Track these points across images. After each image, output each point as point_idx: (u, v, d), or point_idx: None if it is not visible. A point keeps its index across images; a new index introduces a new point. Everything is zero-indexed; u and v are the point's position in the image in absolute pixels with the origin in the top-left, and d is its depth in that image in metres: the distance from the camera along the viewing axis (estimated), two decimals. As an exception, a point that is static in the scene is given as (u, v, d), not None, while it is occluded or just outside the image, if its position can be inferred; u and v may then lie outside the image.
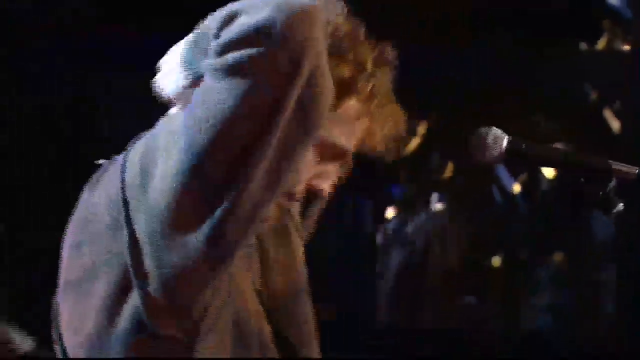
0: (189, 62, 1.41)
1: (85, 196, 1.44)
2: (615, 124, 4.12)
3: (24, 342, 3.20)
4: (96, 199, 1.37)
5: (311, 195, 1.49)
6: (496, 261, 4.19)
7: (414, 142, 4.20)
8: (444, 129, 4.47)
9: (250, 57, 1.21)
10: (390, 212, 4.28)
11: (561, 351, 4.01)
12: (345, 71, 1.41)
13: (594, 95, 4.23)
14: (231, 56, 1.21)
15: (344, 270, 3.75)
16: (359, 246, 3.80)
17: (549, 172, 4.27)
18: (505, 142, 1.53)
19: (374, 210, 3.99)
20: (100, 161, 1.40)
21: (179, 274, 1.23)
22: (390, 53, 1.46)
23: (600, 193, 1.42)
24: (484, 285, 4.25)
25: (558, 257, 4.16)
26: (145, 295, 1.24)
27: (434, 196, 4.17)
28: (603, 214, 1.42)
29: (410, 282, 4.01)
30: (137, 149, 1.34)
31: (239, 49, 1.21)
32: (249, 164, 1.23)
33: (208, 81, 1.25)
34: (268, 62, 1.21)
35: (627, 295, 3.87)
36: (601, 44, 4.17)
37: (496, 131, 1.51)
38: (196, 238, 1.21)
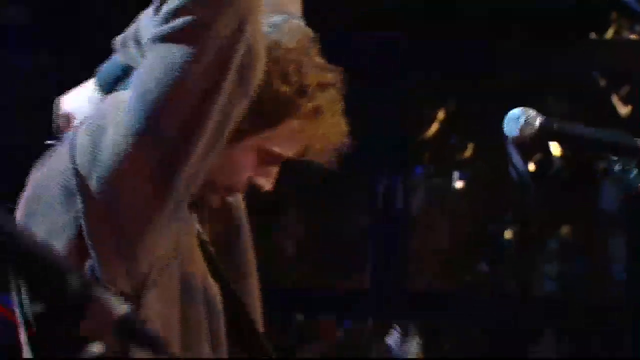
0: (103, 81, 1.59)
1: (35, 175, 1.52)
2: (622, 108, 4.36)
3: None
4: (46, 175, 1.45)
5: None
6: (509, 233, 4.45)
7: (434, 127, 4.43)
8: (464, 113, 4.66)
9: (196, 22, 1.31)
10: (416, 191, 4.48)
11: (571, 316, 4.23)
12: (287, 93, 1.48)
13: (602, 82, 4.43)
14: (179, 21, 1.31)
15: (377, 246, 4.03)
16: (390, 224, 4.03)
17: (556, 150, 4.50)
18: (538, 122, 1.63)
19: (403, 189, 4.22)
20: (50, 142, 1.52)
21: (132, 225, 1.35)
22: (338, 76, 1.53)
23: (626, 169, 1.58)
24: (499, 255, 4.54)
25: (566, 229, 4.41)
26: (99, 254, 1.34)
27: (455, 174, 4.41)
28: (625, 190, 1.61)
29: (434, 253, 4.29)
30: (85, 126, 1.42)
31: (184, 14, 1.30)
32: (200, 121, 1.33)
33: (153, 51, 1.35)
34: (213, 27, 1.31)
35: (636, 264, 4.17)
36: (609, 34, 4.37)
37: (530, 111, 1.62)
38: (145, 190, 1.33)
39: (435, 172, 4.54)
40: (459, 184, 4.39)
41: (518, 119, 1.68)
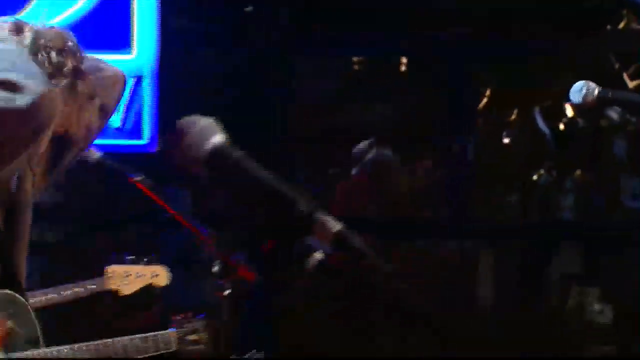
0: None
1: None
2: (630, 83, 5.38)
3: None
4: None
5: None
6: (535, 176, 5.58)
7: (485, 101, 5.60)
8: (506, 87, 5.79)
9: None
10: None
11: (588, 237, 5.38)
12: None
13: (616, 64, 5.41)
14: None
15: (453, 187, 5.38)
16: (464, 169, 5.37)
17: (569, 111, 5.50)
18: (597, 91, 1.91)
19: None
20: None
21: None
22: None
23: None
24: (526, 193, 5.66)
25: (580, 173, 5.48)
26: None
27: (505, 133, 5.56)
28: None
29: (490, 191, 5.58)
30: None
31: None
32: None
33: None
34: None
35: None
36: (621, 25, 5.47)
37: (590, 83, 1.90)
38: None
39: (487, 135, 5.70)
40: (506, 140, 5.55)
41: (581, 90, 1.98)
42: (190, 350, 2.91)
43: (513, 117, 5.56)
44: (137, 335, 2.79)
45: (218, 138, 1.38)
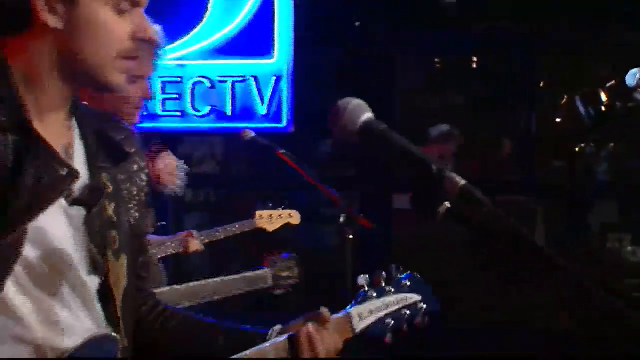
0: None
1: None
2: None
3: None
4: None
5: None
6: (578, 148, 6.24)
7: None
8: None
9: None
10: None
11: (621, 194, 6.16)
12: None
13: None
14: None
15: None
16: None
17: (604, 96, 5.88)
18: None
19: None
20: None
21: None
22: None
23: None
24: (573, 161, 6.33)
25: (612, 145, 6.23)
26: None
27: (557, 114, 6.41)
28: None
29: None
30: None
31: None
32: None
33: None
34: None
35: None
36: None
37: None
38: None
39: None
40: (557, 119, 6.40)
41: (635, 75, 2.50)
42: (282, 284, 3.08)
43: (563, 101, 6.30)
44: (232, 274, 2.95)
45: (367, 115, 1.53)
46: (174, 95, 5.97)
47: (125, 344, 1.77)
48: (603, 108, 5.56)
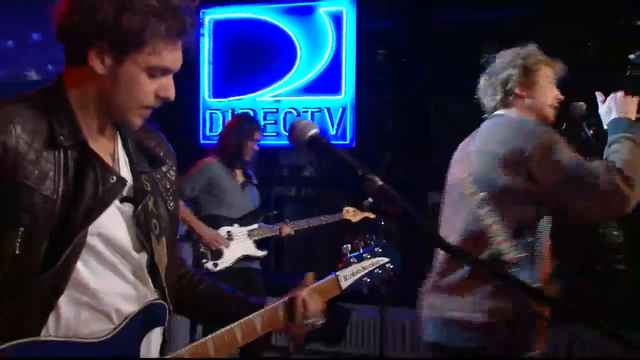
0: None
1: None
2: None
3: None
4: None
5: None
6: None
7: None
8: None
9: None
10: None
11: None
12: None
13: None
14: None
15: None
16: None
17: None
18: None
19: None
20: None
21: None
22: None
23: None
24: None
25: None
26: None
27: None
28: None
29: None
30: None
31: None
32: None
33: None
34: None
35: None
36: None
37: None
38: None
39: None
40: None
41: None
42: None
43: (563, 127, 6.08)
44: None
45: (313, 131, 1.74)
46: (272, 121, 6.97)
47: (171, 308, 1.94)
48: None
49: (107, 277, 1.80)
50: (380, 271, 2.24)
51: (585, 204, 2.81)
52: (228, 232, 5.26)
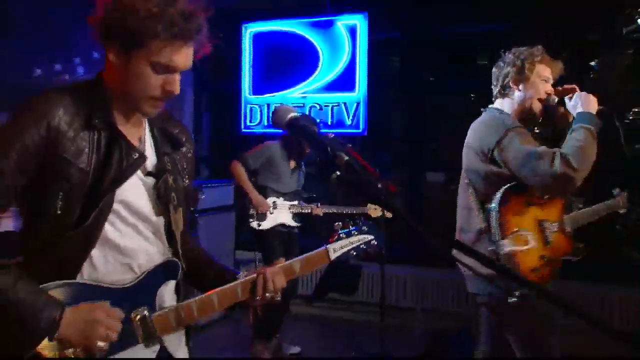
0: None
1: None
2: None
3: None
4: None
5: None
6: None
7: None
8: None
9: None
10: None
11: None
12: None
13: None
14: None
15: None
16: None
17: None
18: None
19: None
20: None
21: None
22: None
23: None
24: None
25: None
26: None
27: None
28: None
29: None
30: None
31: None
32: None
33: None
34: None
35: None
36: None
37: None
38: None
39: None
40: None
41: None
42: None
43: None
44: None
45: (292, 114, 1.72)
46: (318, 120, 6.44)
47: (183, 266, 1.94)
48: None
49: (130, 236, 1.82)
50: (365, 247, 2.19)
51: (540, 183, 2.84)
52: (274, 202, 5.48)
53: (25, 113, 1.68)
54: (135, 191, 1.80)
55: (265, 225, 5.41)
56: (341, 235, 2.15)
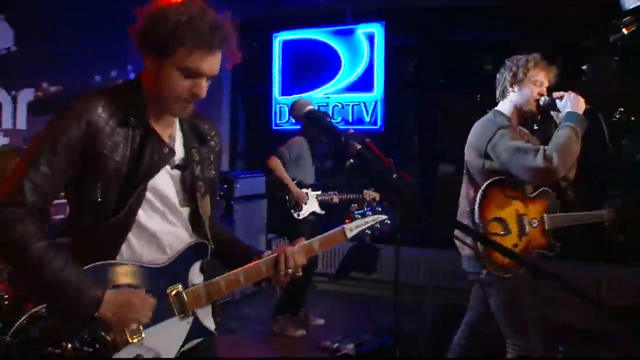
0: None
1: None
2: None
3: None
4: None
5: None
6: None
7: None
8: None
9: None
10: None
11: None
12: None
13: None
14: None
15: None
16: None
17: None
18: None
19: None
20: None
21: None
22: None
23: None
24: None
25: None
26: None
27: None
28: None
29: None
30: None
31: None
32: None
33: None
34: None
35: None
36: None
37: None
38: None
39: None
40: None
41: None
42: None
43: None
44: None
45: (309, 107, 1.71)
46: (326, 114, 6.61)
47: (211, 247, 1.93)
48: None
49: (160, 221, 1.82)
50: (379, 226, 2.12)
51: (525, 176, 2.89)
52: (305, 193, 5.43)
53: (69, 112, 1.69)
54: (164, 182, 1.81)
55: (302, 215, 5.38)
56: (357, 215, 2.09)
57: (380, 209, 2.11)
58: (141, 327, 1.72)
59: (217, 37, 1.65)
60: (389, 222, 2.12)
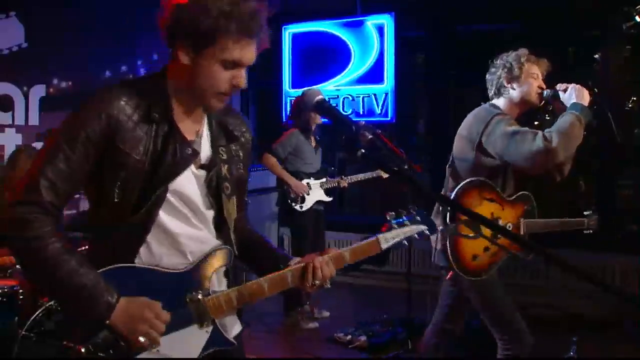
0: None
1: None
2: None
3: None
4: None
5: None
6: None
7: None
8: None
9: None
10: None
11: None
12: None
13: None
14: None
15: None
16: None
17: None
18: None
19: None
20: None
21: None
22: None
23: None
24: None
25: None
26: None
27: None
28: None
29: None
30: None
31: None
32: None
33: None
34: None
35: None
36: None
37: None
38: None
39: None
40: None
41: None
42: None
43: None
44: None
45: (319, 97, 1.67)
46: (334, 105, 5.88)
47: (235, 252, 1.85)
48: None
49: (181, 224, 1.75)
50: (418, 237, 1.99)
51: (523, 160, 2.81)
52: (307, 183, 5.42)
53: (88, 105, 1.63)
54: (187, 183, 1.73)
55: (307, 205, 5.39)
56: (394, 225, 1.95)
57: (419, 218, 1.98)
58: (149, 341, 1.64)
59: (258, 24, 1.63)
60: (428, 233, 1.99)
